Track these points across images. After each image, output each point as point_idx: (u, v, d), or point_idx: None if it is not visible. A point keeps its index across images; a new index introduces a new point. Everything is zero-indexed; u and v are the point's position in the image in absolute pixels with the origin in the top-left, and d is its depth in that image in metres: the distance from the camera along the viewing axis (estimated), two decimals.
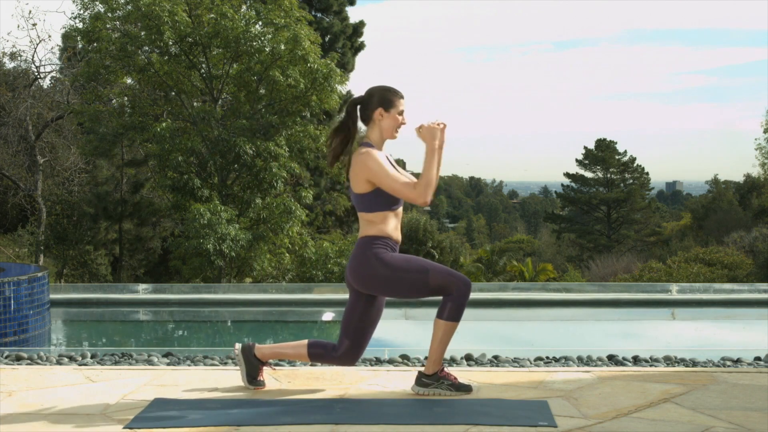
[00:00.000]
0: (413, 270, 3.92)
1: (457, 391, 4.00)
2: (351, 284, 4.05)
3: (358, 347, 4.05)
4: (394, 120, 4.01)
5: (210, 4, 17.82)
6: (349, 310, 4.08)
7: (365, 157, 3.92)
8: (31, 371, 4.55)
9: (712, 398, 3.94)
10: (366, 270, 3.95)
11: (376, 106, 4.00)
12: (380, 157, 3.93)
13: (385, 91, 4.03)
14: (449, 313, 3.92)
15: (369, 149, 3.95)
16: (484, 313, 8.88)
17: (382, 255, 3.94)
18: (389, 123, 4.00)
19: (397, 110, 4.01)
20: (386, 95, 4.01)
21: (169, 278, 22.78)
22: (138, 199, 23.29)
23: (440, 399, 3.94)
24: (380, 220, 3.97)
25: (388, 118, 4.00)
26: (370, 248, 3.95)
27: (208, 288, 9.87)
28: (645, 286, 10.26)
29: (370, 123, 4.03)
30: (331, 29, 27.11)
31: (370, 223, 3.98)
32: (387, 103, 4.00)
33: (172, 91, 18.52)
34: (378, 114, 4.00)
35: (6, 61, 23.63)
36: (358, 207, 4.02)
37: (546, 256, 43.11)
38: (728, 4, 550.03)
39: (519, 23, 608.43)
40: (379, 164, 3.89)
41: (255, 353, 4.14)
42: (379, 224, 3.97)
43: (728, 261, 26.16)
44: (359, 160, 3.93)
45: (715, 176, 52.94)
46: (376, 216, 3.97)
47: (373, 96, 4.02)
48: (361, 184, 3.95)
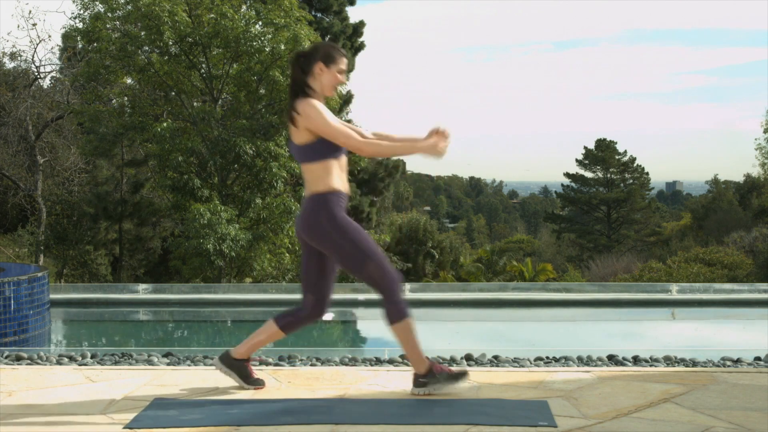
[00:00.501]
0: (359, 247, 3.91)
1: (455, 380, 4.00)
2: (303, 238, 4.03)
3: (323, 300, 4.06)
4: (333, 77, 4.02)
5: (210, 4, 17.81)
6: (306, 264, 4.07)
7: (304, 106, 3.93)
8: (31, 371, 4.55)
9: (712, 398, 3.94)
10: (318, 227, 3.93)
11: (317, 59, 4.01)
12: (320, 106, 3.94)
13: (329, 47, 4.06)
14: (393, 315, 3.93)
15: (308, 98, 3.96)
16: (484, 313, 8.88)
17: (335, 214, 3.93)
18: (328, 79, 4.02)
19: (338, 67, 4.03)
20: (329, 51, 4.04)
21: (169, 278, 22.78)
22: (138, 199, 23.29)
23: (440, 399, 3.94)
24: (324, 171, 3.94)
25: (328, 73, 4.01)
26: (324, 206, 3.92)
27: (208, 288, 9.87)
28: (645, 286, 10.27)
29: (310, 76, 4.03)
30: (331, 29, 27.11)
31: (316, 177, 3.95)
32: (328, 59, 4.02)
33: (172, 91, 18.52)
34: (318, 68, 4.01)
35: (6, 61, 23.65)
36: (300, 158, 4.00)
37: (546, 256, 43.14)
38: (728, 4, 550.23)
39: (519, 23, 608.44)
40: (318, 112, 3.90)
41: (233, 356, 4.13)
42: (324, 177, 3.94)
43: (728, 261, 26.17)
44: (301, 110, 3.93)
45: (715, 176, 53.01)
46: (317, 166, 3.94)
47: (317, 50, 4.05)
48: (302, 134, 3.95)
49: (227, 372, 4.13)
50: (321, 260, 4.05)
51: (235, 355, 4.13)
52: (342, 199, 3.98)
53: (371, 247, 3.93)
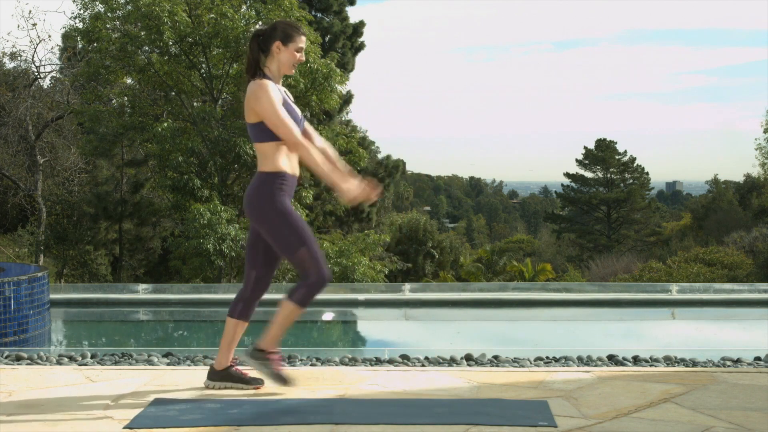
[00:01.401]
0: (293, 233, 3.92)
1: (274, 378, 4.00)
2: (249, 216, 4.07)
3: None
4: (291, 55, 4.03)
5: (210, 4, 17.81)
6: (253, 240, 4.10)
7: (256, 88, 3.94)
8: (31, 371, 4.55)
9: (712, 398, 3.94)
10: (258, 207, 3.95)
11: (275, 38, 4.02)
12: (271, 90, 3.94)
13: (287, 26, 4.07)
14: (299, 297, 3.95)
15: (263, 80, 3.96)
16: (484, 313, 8.88)
17: (276, 197, 3.94)
18: (286, 57, 4.02)
19: (296, 46, 4.03)
20: (287, 29, 4.04)
21: (169, 278, 22.78)
22: (138, 199, 23.30)
23: (440, 399, 3.94)
24: (273, 152, 3.96)
25: (286, 52, 4.02)
26: (267, 187, 3.94)
27: (208, 288, 9.87)
28: (645, 286, 10.26)
29: (268, 55, 4.04)
30: (331, 29, 27.10)
31: (265, 157, 3.98)
32: (286, 37, 4.02)
33: (172, 91, 18.52)
34: (276, 47, 4.02)
35: (6, 61, 23.65)
36: (252, 137, 4.02)
37: (546, 256, 43.12)
38: (728, 4, 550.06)
39: (519, 23, 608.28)
40: (268, 96, 3.91)
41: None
42: (272, 158, 3.96)
43: (728, 261, 26.17)
44: (251, 90, 3.96)
45: (715, 176, 53.00)
46: (267, 146, 3.96)
47: (275, 29, 4.05)
48: (251, 114, 3.97)
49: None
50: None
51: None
52: (286, 181, 3.99)
53: (308, 237, 3.95)
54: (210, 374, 4.16)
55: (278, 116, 3.90)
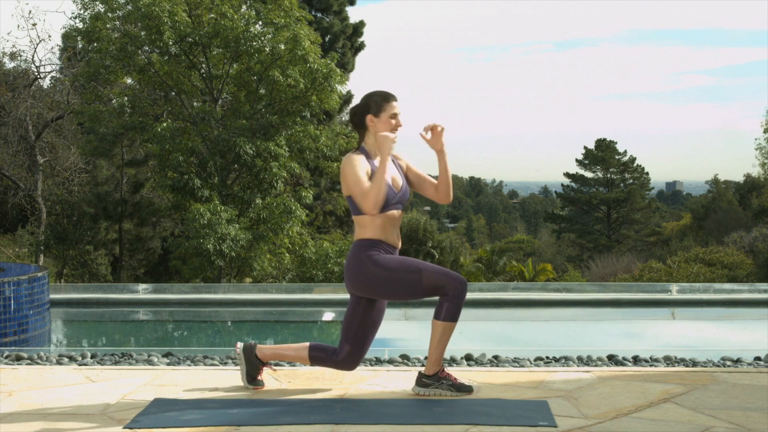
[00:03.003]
0: (406, 270, 3.92)
1: (457, 391, 3.99)
2: (349, 289, 4.06)
3: (359, 352, 4.06)
4: (386, 124, 4.02)
5: (210, 4, 17.82)
6: (350, 314, 4.08)
7: (344, 162, 3.98)
8: (31, 371, 4.55)
9: (712, 398, 3.94)
10: (360, 273, 3.96)
11: (366, 112, 4.03)
12: (356, 162, 3.94)
13: (375, 96, 4.06)
14: (446, 313, 3.92)
15: (351, 155, 3.99)
16: (484, 313, 8.88)
17: (375, 257, 3.95)
18: (382, 127, 4.02)
19: (388, 114, 4.02)
20: (375, 100, 4.04)
21: (169, 278, 22.78)
22: (138, 199, 23.30)
23: (440, 399, 3.94)
24: (369, 223, 3.98)
25: (380, 123, 4.02)
26: (364, 251, 3.96)
27: (208, 288, 9.87)
28: (645, 286, 10.26)
29: (364, 129, 4.06)
30: (331, 29, 27.11)
31: (361, 227, 4.01)
32: (376, 108, 4.02)
33: (172, 91, 18.52)
34: (369, 120, 4.03)
35: (6, 61, 23.65)
36: (351, 210, 4.06)
37: (546, 256, 43.11)
38: (728, 4, 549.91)
39: (520, 23, 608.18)
40: (351, 170, 3.92)
41: (256, 353, 4.14)
42: (369, 227, 3.98)
43: (728, 261, 26.17)
44: (342, 165, 4.00)
45: (715, 176, 52.97)
46: (364, 219, 3.99)
47: (366, 104, 4.06)
48: (344, 188, 4.01)
49: (241, 362, 4.13)
50: (367, 312, 4.06)
51: (259, 353, 4.13)
52: (381, 247, 3.98)
53: (417, 263, 3.95)
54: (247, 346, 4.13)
55: (358, 189, 3.90)
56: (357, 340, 4.05)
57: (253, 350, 4.14)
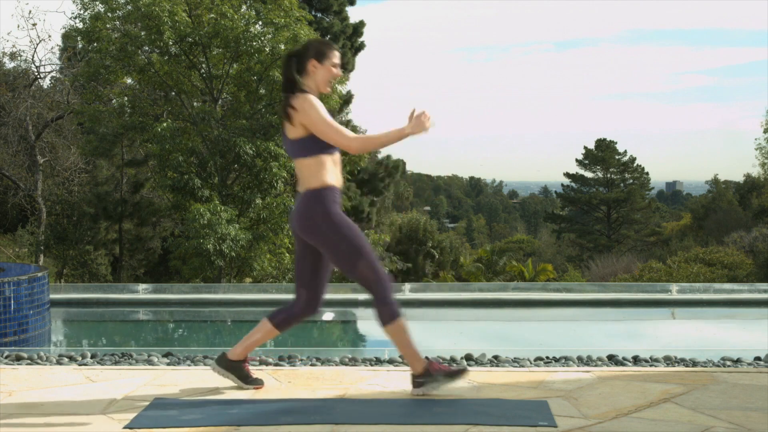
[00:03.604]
0: (352, 244, 3.91)
1: (452, 378, 4.00)
2: (297, 233, 4.04)
3: (316, 295, 4.06)
4: (327, 71, 4.04)
5: (210, 4, 17.81)
6: (300, 259, 4.07)
7: (301, 101, 3.94)
8: (31, 371, 4.55)
9: (712, 398, 3.94)
10: (312, 223, 3.92)
11: (310, 57, 4.03)
12: (317, 102, 3.95)
13: (320, 44, 4.09)
14: (385, 316, 3.93)
15: (306, 94, 3.97)
16: (484, 313, 8.88)
17: (330, 210, 3.93)
18: (323, 74, 4.03)
19: (331, 62, 4.05)
20: (320, 47, 4.06)
21: (169, 278, 22.79)
22: (138, 199, 23.31)
23: (440, 399, 3.94)
24: (317, 167, 3.95)
25: (322, 69, 4.03)
26: (319, 202, 3.92)
27: (208, 288, 9.87)
28: (645, 286, 10.26)
29: (305, 74, 4.04)
30: (331, 29, 27.10)
31: (309, 172, 3.95)
32: (320, 55, 4.03)
33: (172, 91, 18.52)
34: (312, 65, 4.03)
35: (6, 61, 23.66)
36: (293, 153, 4.01)
37: (546, 256, 43.14)
38: (728, 4, 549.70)
39: (520, 23, 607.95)
40: (315, 108, 3.91)
41: (230, 358, 4.12)
42: (318, 172, 3.95)
43: (728, 261, 26.18)
44: (297, 105, 3.95)
45: (715, 176, 53.00)
46: (311, 161, 3.94)
47: (308, 48, 4.06)
48: (296, 129, 3.96)
49: (225, 374, 4.12)
50: (315, 256, 4.05)
51: (232, 356, 4.12)
52: (336, 194, 3.99)
53: (365, 246, 3.93)
54: (219, 359, 4.15)
55: (328, 124, 3.91)
56: (312, 283, 4.05)
57: (224, 358, 4.11)
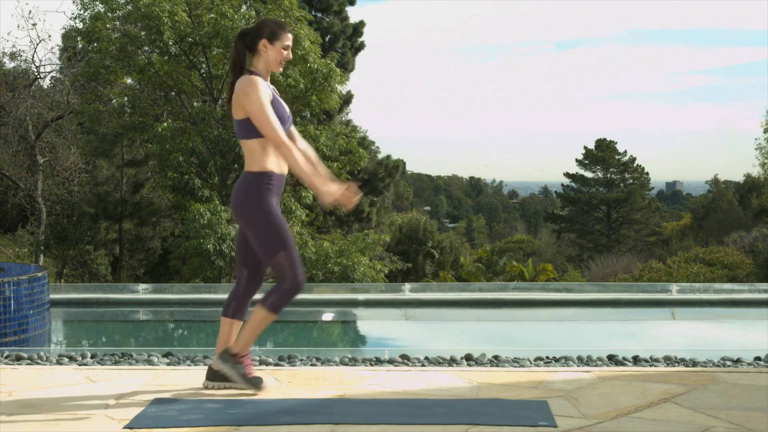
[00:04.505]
0: (276, 236, 3.93)
1: (244, 382, 4.00)
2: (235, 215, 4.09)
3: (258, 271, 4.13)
4: (278, 53, 4.04)
5: (210, 4, 17.82)
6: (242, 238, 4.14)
7: (245, 83, 3.94)
8: (31, 371, 4.55)
9: (712, 398, 3.94)
10: (246, 207, 3.95)
11: (262, 37, 4.03)
12: (261, 87, 3.94)
13: (273, 24, 4.08)
14: (271, 303, 3.97)
15: (252, 76, 3.97)
16: (484, 313, 8.88)
17: (264, 198, 3.94)
18: (273, 55, 4.03)
19: (282, 44, 4.04)
20: (273, 27, 4.05)
21: (169, 278, 22.80)
22: (138, 199, 23.31)
23: (440, 399, 3.94)
24: (260, 150, 3.95)
25: (273, 50, 4.03)
26: (256, 187, 3.94)
27: (208, 288, 9.87)
28: (645, 286, 10.26)
29: (256, 53, 4.04)
30: (331, 29, 27.11)
31: (252, 155, 3.97)
32: (272, 35, 4.03)
33: (172, 91, 18.53)
34: (263, 45, 4.03)
35: (6, 61, 23.66)
36: (238, 134, 4.03)
37: (546, 256, 43.11)
38: (728, 4, 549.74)
39: (520, 23, 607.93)
40: (256, 93, 3.91)
41: (231, 353, 4.09)
42: (260, 157, 3.95)
43: (728, 261, 26.19)
44: (240, 86, 3.96)
45: (715, 176, 52.98)
46: (255, 143, 3.95)
47: (261, 28, 4.06)
48: (239, 110, 3.96)
49: (228, 370, 4.09)
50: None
51: (233, 350, 4.09)
52: (273, 181, 3.98)
53: (289, 241, 3.97)
54: (208, 375, 4.15)
55: (264, 113, 3.90)
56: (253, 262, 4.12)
57: (228, 354, 4.08)
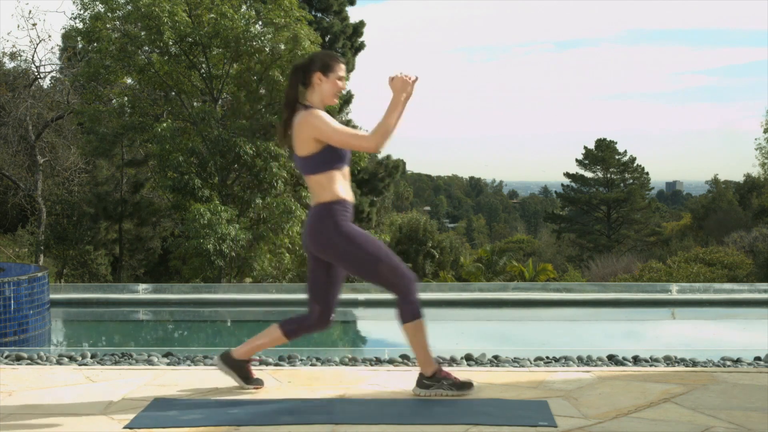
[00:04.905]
0: (366, 252, 3.90)
1: (458, 390, 3.99)
2: (310, 249, 4.03)
3: (328, 309, 4.07)
4: (333, 85, 4.02)
5: (210, 4, 17.82)
6: (312, 274, 4.08)
7: (309, 116, 3.92)
8: (31, 371, 4.55)
9: (712, 398, 3.94)
10: (324, 237, 3.92)
11: (315, 70, 4.02)
12: (324, 114, 3.94)
13: (325, 56, 4.07)
14: (406, 314, 3.93)
15: (311, 109, 3.96)
16: (484, 313, 8.88)
17: (341, 226, 3.92)
18: (328, 87, 4.01)
19: (336, 75, 4.03)
20: (326, 60, 4.04)
21: (169, 278, 22.79)
22: (138, 199, 23.31)
23: (440, 399, 3.94)
24: (328, 182, 3.94)
25: (327, 82, 4.01)
26: (329, 215, 3.92)
27: (208, 288, 9.87)
28: (645, 286, 10.25)
29: (309, 87, 4.03)
30: (331, 29, 27.10)
31: (320, 187, 3.95)
32: (326, 68, 4.01)
33: (172, 91, 18.53)
34: (317, 78, 4.01)
35: (6, 61, 23.66)
36: (304, 170, 4.00)
37: (546, 256, 43.10)
38: (728, 4, 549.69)
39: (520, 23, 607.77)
40: (324, 120, 3.90)
41: (234, 357, 4.12)
42: (329, 187, 3.94)
43: (728, 261, 26.18)
44: (303, 121, 3.93)
45: (715, 176, 52.96)
46: (322, 177, 3.94)
47: (313, 61, 4.05)
48: (307, 145, 3.93)
49: (227, 371, 4.13)
50: (328, 270, 4.05)
51: (236, 355, 4.12)
52: (347, 208, 3.98)
53: (381, 250, 3.93)
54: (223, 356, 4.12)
55: (341, 132, 3.89)
56: (324, 299, 4.06)
57: (230, 356, 4.12)
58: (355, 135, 3.92)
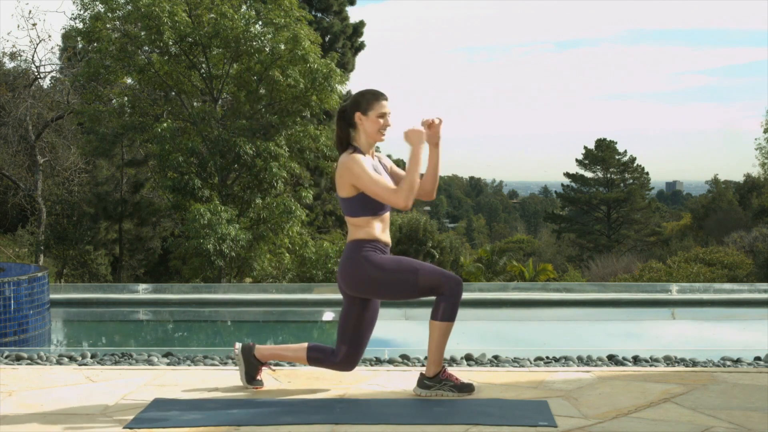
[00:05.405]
0: (403, 271, 3.92)
1: (459, 392, 3.99)
2: (343, 289, 4.06)
3: (356, 352, 4.07)
4: (374, 123, 4.00)
5: (210, 4, 17.82)
6: (345, 315, 4.08)
7: (349, 161, 3.94)
8: (31, 371, 4.55)
9: (712, 398, 3.94)
10: (356, 273, 3.95)
11: (355, 110, 4.02)
12: (364, 161, 3.93)
13: (364, 95, 4.04)
14: (443, 313, 3.93)
15: (353, 154, 3.97)
16: (484, 313, 8.88)
17: (371, 257, 3.95)
18: (370, 125, 4.00)
19: (377, 113, 4.00)
20: (366, 97, 4.03)
21: (169, 278, 22.78)
22: (138, 199, 23.30)
23: (441, 399, 3.94)
24: (365, 224, 3.98)
25: (368, 121, 4.00)
26: (360, 251, 3.96)
27: (208, 288, 9.87)
28: (645, 286, 10.25)
29: (355, 128, 4.04)
30: (331, 29, 27.11)
31: (356, 228, 4.00)
32: (366, 106, 4.01)
33: (172, 91, 18.53)
34: (358, 118, 4.01)
35: (6, 61, 23.65)
36: (344, 211, 4.04)
37: (546, 256, 43.09)
38: (728, 4, 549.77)
39: (520, 23, 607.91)
40: (361, 168, 3.91)
41: (255, 354, 4.15)
42: (364, 228, 3.98)
43: (728, 261, 26.16)
44: (343, 164, 3.96)
45: (715, 176, 52.90)
46: (360, 220, 3.98)
47: (354, 101, 4.05)
48: (346, 188, 3.97)
49: (240, 363, 4.15)
50: (362, 312, 4.06)
51: (257, 353, 4.15)
52: (379, 247, 3.99)
53: (414, 262, 3.95)
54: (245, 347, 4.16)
55: (375, 182, 3.89)
56: (353, 340, 4.05)
57: (251, 351, 4.15)
58: (388, 189, 3.90)
